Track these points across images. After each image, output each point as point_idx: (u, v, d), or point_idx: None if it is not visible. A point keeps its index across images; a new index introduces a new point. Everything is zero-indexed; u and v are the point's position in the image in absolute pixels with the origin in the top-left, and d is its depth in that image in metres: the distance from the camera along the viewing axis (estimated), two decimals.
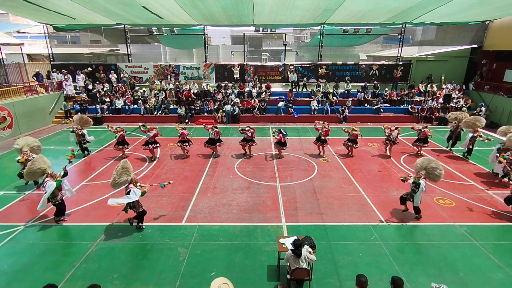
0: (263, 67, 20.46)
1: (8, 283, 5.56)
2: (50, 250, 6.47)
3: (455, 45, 20.73)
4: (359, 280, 4.19)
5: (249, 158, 11.79)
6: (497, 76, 18.90)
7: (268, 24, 20.02)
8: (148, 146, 11.41)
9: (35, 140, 9.63)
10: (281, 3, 14.78)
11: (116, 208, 8.07)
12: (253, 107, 18.01)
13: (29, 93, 16.98)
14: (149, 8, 15.28)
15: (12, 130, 14.69)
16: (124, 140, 11.73)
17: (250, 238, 6.86)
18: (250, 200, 8.52)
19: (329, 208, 8.12)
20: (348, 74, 20.02)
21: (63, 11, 16.01)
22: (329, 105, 18.32)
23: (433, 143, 13.83)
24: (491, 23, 19.04)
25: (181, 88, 19.08)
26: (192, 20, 18.29)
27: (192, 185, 9.46)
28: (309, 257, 5.03)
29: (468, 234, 7.01)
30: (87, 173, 10.33)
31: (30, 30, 24.77)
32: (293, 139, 14.35)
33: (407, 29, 20.26)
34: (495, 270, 5.89)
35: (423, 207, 7.87)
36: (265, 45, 38.92)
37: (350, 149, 12.06)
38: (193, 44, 23.51)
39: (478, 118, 11.83)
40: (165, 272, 5.78)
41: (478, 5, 14.80)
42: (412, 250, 6.45)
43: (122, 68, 20.15)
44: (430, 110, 17.69)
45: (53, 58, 20.49)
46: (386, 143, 12.08)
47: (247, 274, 5.75)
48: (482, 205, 8.35)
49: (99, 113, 17.46)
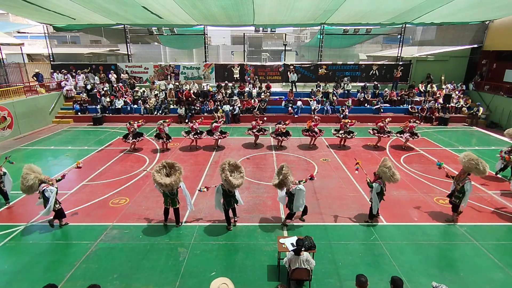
0: (263, 67, 20.47)
1: (8, 283, 5.56)
2: (50, 250, 6.47)
3: (455, 45, 20.73)
4: (359, 280, 4.18)
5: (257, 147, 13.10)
6: (497, 76, 18.89)
7: (268, 24, 20.01)
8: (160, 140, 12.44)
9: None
10: (281, 3, 14.78)
11: (116, 208, 8.09)
12: (253, 107, 18.01)
13: (29, 93, 16.99)
14: (149, 8, 15.28)
15: (12, 130, 14.69)
16: (139, 133, 12.57)
17: (250, 238, 6.85)
18: (250, 200, 8.52)
19: (329, 208, 8.12)
20: (348, 74, 20.05)
21: (63, 11, 16.02)
22: (329, 105, 18.32)
23: (433, 143, 13.85)
24: (491, 23, 19.03)
25: (181, 88, 19.08)
26: (192, 20, 18.29)
27: (192, 185, 9.44)
28: (310, 260, 5.05)
29: (468, 234, 7.01)
30: (87, 173, 10.32)
31: (30, 30, 24.75)
32: (293, 139, 14.35)
33: (407, 29, 20.26)
34: (495, 270, 5.89)
35: (423, 207, 7.88)
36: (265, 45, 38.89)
37: (343, 140, 13.16)
38: (193, 44, 23.52)
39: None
40: (165, 272, 5.78)
41: (478, 5, 14.80)
42: (412, 250, 6.45)
43: (122, 68, 20.16)
44: (430, 110, 17.69)
45: (53, 58, 20.50)
46: (379, 136, 12.92)
47: (247, 274, 5.75)
48: (482, 205, 8.35)
49: (99, 113, 17.46)
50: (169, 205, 7.08)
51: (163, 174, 6.94)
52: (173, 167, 7.04)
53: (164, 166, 7.03)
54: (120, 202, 8.43)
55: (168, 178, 6.80)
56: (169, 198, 6.99)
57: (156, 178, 6.70)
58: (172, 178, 6.76)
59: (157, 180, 6.68)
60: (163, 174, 6.93)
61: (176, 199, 7.07)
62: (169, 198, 6.99)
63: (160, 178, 6.74)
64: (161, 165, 7.01)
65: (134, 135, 12.36)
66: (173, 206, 7.08)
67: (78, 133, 15.64)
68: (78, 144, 13.57)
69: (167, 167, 7.06)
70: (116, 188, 9.25)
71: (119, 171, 10.50)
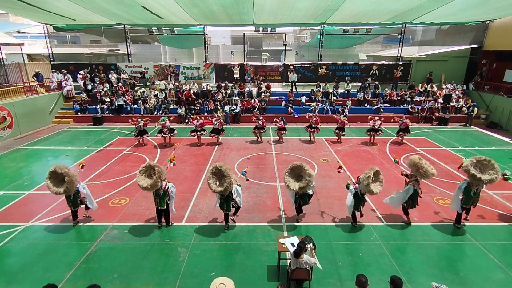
0: (263, 67, 20.46)
1: (8, 283, 5.55)
2: (50, 250, 6.46)
3: (455, 45, 20.72)
4: (359, 280, 4.18)
5: (259, 143, 13.68)
6: (497, 76, 18.89)
7: (268, 24, 20.00)
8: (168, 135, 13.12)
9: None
10: (281, 3, 14.78)
11: (117, 208, 8.09)
12: (253, 107, 18.01)
13: (29, 93, 16.99)
14: (149, 8, 15.28)
15: (12, 130, 14.69)
16: (144, 130, 13.21)
17: (250, 238, 6.85)
18: (250, 200, 8.52)
19: (329, 208, 8.12)
20: (348, 74, 20.04)
21: (63, 12, 16.01)
22: (329, 105, 18.32)
23: (434, 143, 13.85)
24: (491, 23, 19.03)
25: (181, 88, 19.08)
26: (192, 20, 18.28)
27: (192, 185, 9.46)
28: (310, 261, 5.04)
29: (468, 234, 7.01)
30: (87, 173, 10.32)
31: (30, 30, 24.71)
32: (293, 139, 14.36)
33: (407, 29, 20.26)
34: (496, 270, 5.89)
35: (423, 207, 7.87)
36: (265, 45, 38.83)
37: (338, 136, 13.79)
38: (193, 43, 23.52)
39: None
40: (165, 272, 5.78)
41: (478, 5, 14.80)
42: (412, 250, 6.45)
43: (122, 68, 20.15)
44: (430, 110, 17.69)
45: (53, 58, 20.49)
46: (370, 134, 13.48)
47: (247, 274, 5.75)
48: (482, 205, 8.33)
49: (99, 113, 17.45)
50: (157, 205, 7.04)
51: (145, 175, 6.86)
52: (153, 169, 6.81)
53: (146, 168, 6.89)
54: (120, 202, 8.43)
55: (147, 181, 6.70)
56: (158, 199, 6.95)
57: (138, 180, 6.74)
58: (149, 182, 6.65)
59: (138, 182, 6.73)
60: (146, 176, 6.85)
61: (164, 199, 6.98)
62: (157, 198, 6.95)
63: (140, 179, 6.74)
64: (143, 167, 6.92)
65: (140, 132, 13.07)
66: (160, 206, 7.02)
67: (78, 133, 15.63)
68: (78, 144, 13.57)
69: (149, 169, 6.89)
70: (116, 188, 9.25)
71: (119, 171, 10.50)
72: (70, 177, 6.76)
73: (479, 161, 7.02)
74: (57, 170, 6.85)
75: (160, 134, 13.09)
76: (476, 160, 7.04)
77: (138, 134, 13.09)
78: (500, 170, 6.97)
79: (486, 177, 6.75)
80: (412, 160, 7.10)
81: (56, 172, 6.87)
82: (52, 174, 6.91)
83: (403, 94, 18.97)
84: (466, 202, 7.07)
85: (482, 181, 6.75)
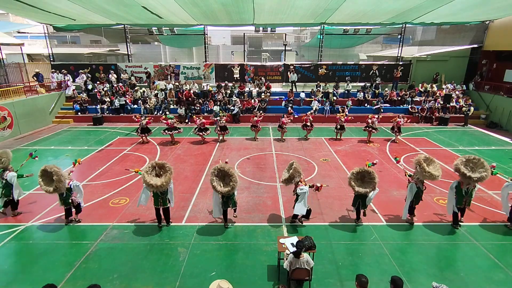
0: (263, 67, 20.46)
1: (8, 283, 5.55)
2: (50, 250, 6.46)
3: (455, 45, 20.72)
4: (360, 280, 4.18)
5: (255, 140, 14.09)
6: (497, 76, 18.88)
7: (268, 24, 20.00)
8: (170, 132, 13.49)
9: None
10: (281, 1, 14.76)
11: (117, 208, 8.09)
12: (253, 107, 18.01)
13: (29, 93, 16.99)
14: (149, 8, 15.27)
15: (12, 130, 14.69)
16: (147, 128, 13.53)
17: (250, 238, 6.85)
18: (250, 200, 8.52)
19: (330, 208, 8.12)
20: (348, 74, 20.03)
21: (63, 12, 16.01)
22: (329, 105, 18.31)
23: (434, 143, 13.85)
24: (491, 23, 19.02)
25: (181, 88, 19.07)
26: (192, 20, 18.27)
27: (192, 185, 9.46)
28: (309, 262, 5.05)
29: (468, 234, 7.01)
30: (87, 173, 10.32)
31: (30, 30, 24.72)
32: (293, 139, 14.36)
33: (407, 29, 20.24)
34: (496, 270, 5.89)
35: (423, 207, 7.87)
36: (265, 45, 38.84)
37: (339, 134, 14.26)
38: (193, 43, 23.55)
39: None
40: (165, 272, 5.78)
41: (478, 5, 14.79)
42: (412, 250, 6.45)
43: (122, 68, 20.15)
44: (430, 110, 17.68)
45: (53, 58, 20.48)
46: (368, 130, 13.80)
47: (247, 274, 5.74)
48: (482, 205, 8.35)
49: (99, 113, 17.45)
50: (160, 205, 7.03)
51: (152, 175, 6.89)
52: (163, 168, 6.95)
53: (153, 167, 6.98)
54: (120, 202, 8.43)
55: (159, 179, 6.75)
56: (160, 198, 6.96)
57: (146, 179, 6.66)
58: (163, 179, 6.70)
59: (147, 181, 6.63)
60: (152, 175, 6.88)
61: (167, 198, 7.05)
62: (160, 198, 6.95)
63: (150, 179, 6.70)
64: (150, 166, 6.96)
65: (143, 129, 13.38)
66: (164, 205, 7.04)
67: (78, 133, 15.63)
68: (78, 144, 13.57)
69: (157, 168, 6.99)
70: (116, 188, 9.25)
71: (119, 171, 10.50)
72: (58, 176, 6.77)
73: (469, 160, 7.16)
74: (47, 169, 6.91)
75: (165, 131, 13.51)
76: (466, 159, 7.17)
77: (141, 131, 13.41)
78: (489, 168, 7.04)
79: (476, 175, 6.84)
80: (417, 161, 7.12)
81: (46, 171, 6.93)
82: (43, 173, 6.99)
83: (403, 94, 18.98)
84: (459, 202, 7.09)
85: (472, 179, 6.82)
